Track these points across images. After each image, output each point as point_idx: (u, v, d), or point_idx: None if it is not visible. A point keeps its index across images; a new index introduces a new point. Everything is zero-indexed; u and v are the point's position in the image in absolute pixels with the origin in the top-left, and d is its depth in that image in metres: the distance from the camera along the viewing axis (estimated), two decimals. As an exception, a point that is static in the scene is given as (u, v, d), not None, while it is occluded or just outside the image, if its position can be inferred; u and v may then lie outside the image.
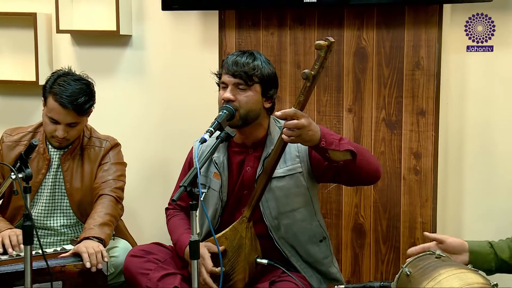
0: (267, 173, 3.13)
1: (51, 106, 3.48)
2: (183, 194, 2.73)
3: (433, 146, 3.75)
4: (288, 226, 3.27)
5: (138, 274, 3.26)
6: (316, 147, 2.98)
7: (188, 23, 4.29)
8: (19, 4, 4.56)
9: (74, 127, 3.53)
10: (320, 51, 2.91)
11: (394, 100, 3.81)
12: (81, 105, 3.47)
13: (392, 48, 3.79)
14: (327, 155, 2.98)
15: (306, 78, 2.95)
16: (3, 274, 3.06)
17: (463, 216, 3.93)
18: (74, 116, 3.48)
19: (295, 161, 3.25)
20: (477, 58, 3.80)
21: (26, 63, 4.57)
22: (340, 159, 3.00)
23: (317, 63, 2.93)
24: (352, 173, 3.07)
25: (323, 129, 2.98)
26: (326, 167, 3.19)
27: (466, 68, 3.84)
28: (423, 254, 2.72)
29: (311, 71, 2.93)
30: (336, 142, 2.98)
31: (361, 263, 3.93)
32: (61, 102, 3.44)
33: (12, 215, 3.65)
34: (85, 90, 3.52)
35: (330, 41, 2.88)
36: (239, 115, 3.17)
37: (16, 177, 2.80)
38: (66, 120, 3.48)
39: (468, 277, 2.41)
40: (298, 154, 3.25)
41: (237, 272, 3.17)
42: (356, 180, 3.25)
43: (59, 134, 3.49)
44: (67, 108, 3.44)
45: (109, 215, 3.47)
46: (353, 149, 2.99)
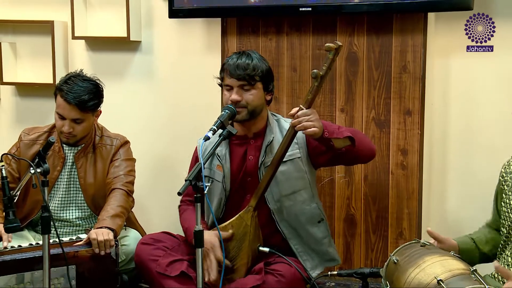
0: (274, 164, 3.16)
1: (58, 102, 3.52)
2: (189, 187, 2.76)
3: (418, 143, 3.76)
4: (290, 208, 3.29)
5: (148, 260, 3.27)
6: (320, 138, 3.04)
7: (193, 30, 4.29)
8: (37, 12, 4.56)
9: (80, 124, 3.53)
10: (329, 53, 2.95)
11: (383, 101, 3.81)
12: (84, 102, 3.48)
13: (381, 53, 3.79)
14: (331, 143, 3.05)
15: (315, 78, 2.99)
16: (25, 260, 3.07)
17: (446, 207, 3.94)
18: (77, 112, 3.49)
19: (294, 147, 3.27)
20: (460, 61, 3.80)
21: (44, 67, 4.56)
22: (341, 146, 3.09)
23: (325, 64, 2.97)
24: (352, 156, 3.15)
25: (323, 121, 3.06)
26: (324, 152, 3.24)
27: (449, 71, 3.84)
28: (410, 242, 2.72)
29: (320, 72, 2.96)
30: (336, 130, 3.08)
31: (352, 251, 3.93)
32: (65, 98, 3.47)
33: (30, 209, 3.64)
34: (91, 90, 3.53)
35: (338, 45, 2.94)
36: (246, 112, 3.23)
37: (34, 171, 2.81)
38: (70, 115, 3.49)
39: (450, 264, 2.42)
40: (296, 141, 3.27)
41: (240, 257, 3.18)
42: (354, 161, 3.34)
43: (65, 129, 3.51)
44: (71, 104, 3.46)
45: (121, 207, 3.47)
46: (351, 135, 3.07)
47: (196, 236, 2.73)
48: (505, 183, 2.73)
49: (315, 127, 2.98)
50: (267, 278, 3.09)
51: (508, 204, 2.67)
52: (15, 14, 4.62)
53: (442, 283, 2.28)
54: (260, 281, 3.07)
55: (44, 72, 4.56)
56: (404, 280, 2.48)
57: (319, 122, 3.00)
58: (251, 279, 3.11)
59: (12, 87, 4.73)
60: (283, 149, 3.14)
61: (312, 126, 2.97)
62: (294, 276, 3.16)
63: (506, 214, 2.66)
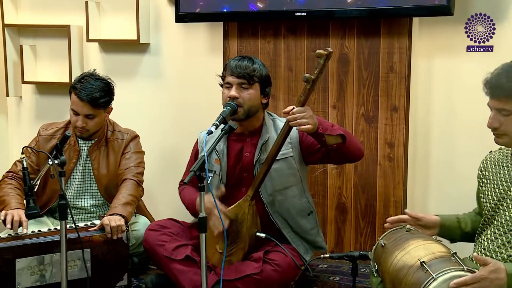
0: (269, 159, 3.15)
1: (73, 99, 3.52)
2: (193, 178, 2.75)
3: (404, 137, 3.75)
4: (281, 201, 3.29)
5: (156, 245, 3.27)
6: (315, 134, 3.02)
7: (197, 33, 4.28)
8: (55, 18, 4.55)
9: (92, 119, 3.53)
10: (320, 59, 2.93)
11: (371, 98, 3.80)
12: (96, 99, 3.48)
13: (370, 55, 3.78)
14: (324, 139, 3.04)
15: (306, 81, 2.97)
16: (44, 243, 3.07)
17: (429, 195, 3.94)
18: (90, 108, 3.49)
19: (288, 147, 3.27)
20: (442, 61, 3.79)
21: (61, 67, 4.57)
22: (333, 142, 3.06)
23: (317, 69, 2.95)
24: (341, 154, 3.12)
25: (318, 118, 3.05)
26: (316, 150, 3.23)
27: (432, 71, 3.83)
28: (396, 228, 2.72)
29: (311, 76, 2.95)
30: (330, 128, 3.06)
31: (343, 236, 3.94)
32: (79, 95, 3.47)
33: (48, 198, 3.65)
34: (102, 88, 3.53)
35: (328, 51, 2.92)
36: (243, 110, 3.20)
37: (52, 163, 2.81)
38: (83, 111, 3.50)
39: (432, 247, 2.42)
40: (290, 141, 3.26)
41: (238, 242, 3.18)
42: (343, 159, 3.28)
43: (78, 124, 3.52)
44: (84, 100, 3.46)
45: (132, 196, 3.47)
46: (343, 133, 3.04)
47: (200, 222, 2.73)
48: (483, 177, 2.73)
49: (309, 124, 2.97)
50: (265, 268, 3.10)
51: (486, 196, 2.67)
52: (35, 19, 4.62)
53: (425, 265, 2.28)
54: (258, 269, 3.08)
55: (62, 72, 4.56)
56: (390, 262, 2.49)
57: (313, 119, 2.99)
58: (250, 266, 3.11)
59: (33, 86, 4.73)
60: (278, 143, 3.13)
61: (306, 123, 2.96)
62: (289, 265, 3.17)
63: (484, 204, 2.67)
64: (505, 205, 2.55)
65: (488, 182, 2.69)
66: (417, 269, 2.31)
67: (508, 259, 2.48)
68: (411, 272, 2.33)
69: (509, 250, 2.49)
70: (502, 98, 2.44)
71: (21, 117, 4.81)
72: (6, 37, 4.58)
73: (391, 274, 2.47)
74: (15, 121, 4.82)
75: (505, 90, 2.42)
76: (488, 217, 2.62)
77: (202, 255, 2.74)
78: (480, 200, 2.74)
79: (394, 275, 2.43)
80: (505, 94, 2.43)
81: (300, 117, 2.96)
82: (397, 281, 2.40)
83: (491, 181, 2.67)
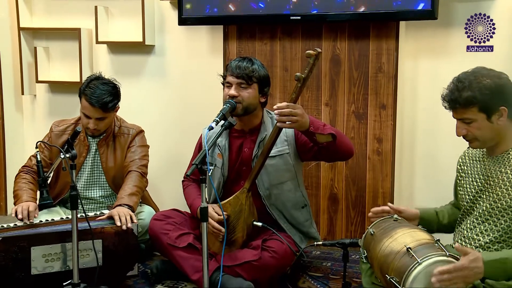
0: (264, 154, 3.13)
1: (84, 104, 3.51)
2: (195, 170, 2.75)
3: (391, 132, 3.75)
4: (277, 195, 3.28)
5: (160, 234, 3.27)
6: (306, 132, 3.00)
7: (199, 36, 4.27)
8: (66, 21, 4.56)
9: (103, 121, 3.55)
10: (309, 59, 2.91)
11: (361, 96, 3.80)
12: (106, 104, 3.48)
13: (360, 56, 3.78)
14: (314, 137, 3.02)
15: (297, 80, 2.95)
16: (58, 233, 3.07)
17: (414, 187, 3.95)
18: (101, 112, 3.50)
19: (284, 144, 3.25)
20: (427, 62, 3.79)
21: (72, 68, 4.57)
22: (323, 141, 3.04)
23: (307, 68, 2.93)
24: (332, 152, 3.10)
25: (311, 117, 3.01)
26: (308, 149, 3.21)
27: (418, 71, 3.83)
28: (384, 218, 2.72)
29: (302, 75, 2.93)
30: (321, 127, 3.02)
31: (335, 225, 3.94)
32: (90, 102, 3.46)
33: (61, 189, 3.65)
34: (110, 92, 3.52)
35: (317, 51, 2.89)
36: (241, 107, 3.19)
37: (64, 156, 2.81)
38: (95, 115, 3.50)
39: (418, 235, 2.42)
40: (286, 138, 3.25)
41: (237, 231, 3.17)
42: (334, 158, 3.27)
43: (90, 126, 3.52)
44: (95, 106, 3.46)
45: (136, 187, 3.47)
46: (334, 133, 3.02)
47: (202, 212, 2.73)
48: (462, 172, 2.74)
49: (297, 122, 2.92)
50: (263, 255, 3.09)
51: (464, 189, 2.69)
52: (48, 23, 4.63)
53: (411, 250, 2.29)
54: (257, 256, 3.08)
55: (73, 72, 4.56)
56: (379, 249, 2.49)
57: (304, 117, 2.94)
58: (249, 253, 3.11)
59: (46, 85, 4.73)
60: (271, 139, 3.09)
61: (295, 120, 2.91)
62: (286, 251, 3.16)
63: (462, 196, 2.68)
64: (483, 196, 2.56)
65: (466, 176, 2.70)
66: (404, 254, 2.31)
67: (485, 245, 2.50)
68: (398, 258, 2.33)
69: (486, 237, 2.50)
70: (459, 109, 2.48)
71: (35, 114, 4.81)
72: (22, 40, 4.59)
73: (379, 260, 2.47)
74: (29, 117, 4.82)
75: (459, 102, 2.46)
76: (467, 208, 2.64)
77: (203, 243, 2.74)
78: (458, 192, 2.75)
79: (382, 260, 2.44)
80: (461, 106, 2.46)
81: (287, 113, 2.90)
82: (385, 266, 2.40)
83: (469, 175, 2.68)
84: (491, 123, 2.45)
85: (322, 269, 3.53)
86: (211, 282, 2.89)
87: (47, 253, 3.02)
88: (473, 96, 2.41)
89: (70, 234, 2.87)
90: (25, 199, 3.40)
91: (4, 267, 2.94)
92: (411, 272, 2.22)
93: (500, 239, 2.46)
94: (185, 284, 3.27)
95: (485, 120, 2.45)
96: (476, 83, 2.41)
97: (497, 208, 2.47)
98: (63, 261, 3.06)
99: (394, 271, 2.32)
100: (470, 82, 2.43)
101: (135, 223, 3.22)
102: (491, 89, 2.40)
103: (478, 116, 2.44)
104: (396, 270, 2.31)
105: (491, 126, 2.46)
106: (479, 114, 2.44)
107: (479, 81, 2.42)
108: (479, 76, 2.44)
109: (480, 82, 2.41)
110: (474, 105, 2.42)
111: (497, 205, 2.46)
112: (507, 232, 2.44)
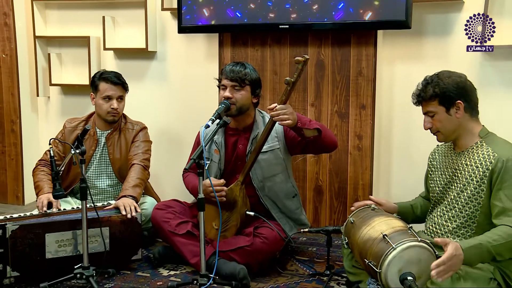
0: (256, 149, 3.14)
1: (103, 87, 3.56)
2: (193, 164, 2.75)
3: (370, 130, 3.76)
4: (270, 187, 3.27)
5: (162, 222, 3.27)
6: (294, 127, 3.01)
7: (196, 43, 4.26)
8: (77, 30, 4.54)
9: (121, 102, 3.61)
10: (298, 64, 2.91)
11: (343, 98, 3.80)
12: (124, 82, 3.61)
13: (342, 61, 3.78)
14: (302, 132, 3.03)
15: (287, 84, 2.95)
16: (69, 221, 3.07)
17: (391, 179, 3.95)
18: (121, 89, 3.58)
19: (274, 140, 3.25)
20: (402, 66, 3.80)
21: (82, 72, 4.55)
22: (310, 135, 3.05)
23: (296, 73, 2.93)
24: (318, 145, 3.10)
25: (298, 114, 3.03)
26: (297, 143, 3.21)
27: (394, 74, 3.84)
28: (363, 208, 2.74)
29: (291, 79, 2.93)
30: (307, 122, 3.04)
31: (320, 214, 3.94)
32: (112, 81, 3.55)
33: (71, 180, 3.64)
34: (120, 74, 3.65)
35: (306, 58, 2.90)
36: (235, 107, 3.18)
37: (74, 152, 2.82)
38: (117, 93, 3.56)
39: (393, 223, 2.44)
40: (276, 135, 3.25)
41: (231, 220, 3.17)
42: (321, 150, 3.26)
43: (114, 106, 3.56)
44: (117, 84, 3.55)
45: (139, 179, 3.46)
46: (319, 127, 3.02)
47: (199, 202, 2.73)
48: (432, 166, 2.78)
49: (289, 120, 2.94)
50: (255, 240, 3.09)
51: (434, 182, 2.72)
52: (61, 31, 4.62)
53: (387, 237, 2.30)
54: (249, 242, 3.07)
55: (83, 76, 4.55)
56: (358, 236, 2.50)
57: (293, 115, 2.96)
58: (242, 239, 3.11)
59: (59, 87, 4.71)
60: (264, 136, 3.10)
61: (287, 118, 2.94)
62: (276, 238, 3.15)
63: (433, 188, 2.72)
64: (452, 187, 2.59)
65: (436, 170, 2.73)
66: (380, 241, 2.33)
67: (453, 230, 2.53)
68: (375, 244, 2.34)
69: (453, 223, 2.54)
70: (423, 103, 2.59)
71: (49, 114, 4.79)
72: (37, 47, 4.58)
73: (359, 245, 2.48)
74: (44, 117, 4.81)
75: (422, 96, 2.57)
76: (438, 198, 2.67)
77: (201, 230, 2.75)
78: (429, 185, 2.79)
79: (361, 246, 2.45)
80: (424, 99, 2.57)
81: (282, 113, 2.95)
82: (364, 251, 2.41)
83: (438, 169, 2.71)
84: (450, 116, 2.53)
85: (308, 254, 3.53)
86: (207, 265, 2.89)
87: (60, 239, 3.03)
88: (434, 90, 2.52)
89: (80, 222, 2.89)
90: (46, 190, 3.40)
91: (22, 252, 2.96)
92: (387, 256, 2.23)
93: (466, 224, 2.50)
94: (184, 267, 3.26)
95: (445, 113, 2.53)
96: (438, 80, 2.53)
97: (463, 197, 2.50)
98: (74, 246, 3.06)
99: (372, 255, 2.33)
100: (433, 79, 2.55)
101: (138, 212, 3.22)
102: (449, 84, 2.51)
103: (439, 109, 2.54)
104: (374, 255, 2.32)
105: (450, 118, 2.53)
106: (439, 107, 2.53)
107: (441, 79, 2.54)
108: (441, 75, 2.56)
109: (442, 80, 2.53)
110: (435, 98, 2.53)
111: (463, 194, 2.50)
112: (471, 218, 2.49)
